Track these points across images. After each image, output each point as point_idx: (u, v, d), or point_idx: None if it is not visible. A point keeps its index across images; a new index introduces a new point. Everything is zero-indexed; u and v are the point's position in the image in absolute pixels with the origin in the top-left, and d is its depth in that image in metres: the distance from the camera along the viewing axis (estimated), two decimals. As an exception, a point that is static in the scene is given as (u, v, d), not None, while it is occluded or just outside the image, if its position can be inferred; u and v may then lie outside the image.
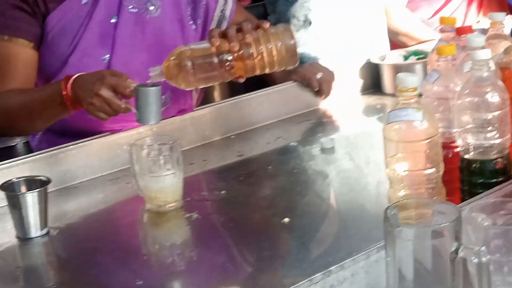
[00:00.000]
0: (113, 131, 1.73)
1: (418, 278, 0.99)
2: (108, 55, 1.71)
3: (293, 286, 1.07)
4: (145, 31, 1.73)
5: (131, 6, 1.72)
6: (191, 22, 1.81)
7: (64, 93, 1.57)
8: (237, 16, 1.89)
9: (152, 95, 1.52)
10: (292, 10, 2.24)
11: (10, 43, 1.67)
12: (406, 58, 2.13)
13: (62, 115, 1.65)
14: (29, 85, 1.71)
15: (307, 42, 2.22)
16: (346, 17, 2.24)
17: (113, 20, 1.71)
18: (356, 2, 2.24)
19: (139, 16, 1.72)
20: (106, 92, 1.51)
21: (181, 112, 1.84)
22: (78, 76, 1.58)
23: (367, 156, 1.70)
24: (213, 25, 1.84)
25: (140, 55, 1.73)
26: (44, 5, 1.69)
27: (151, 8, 1.73)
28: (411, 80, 1.21)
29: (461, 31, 1.52)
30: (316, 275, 1.09)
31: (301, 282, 1.08)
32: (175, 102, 1.81)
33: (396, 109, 1.23)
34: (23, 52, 1.68)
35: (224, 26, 1.84)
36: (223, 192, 1.58)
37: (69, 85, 1.57)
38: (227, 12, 1.87)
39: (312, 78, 1.98)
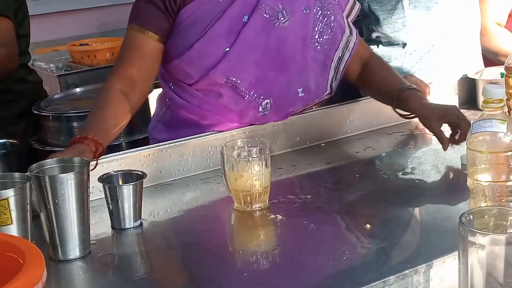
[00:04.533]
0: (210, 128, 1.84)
1: (490, 286, 1.00)
2: (229, 48, 1.79)
3: (366, 286, 1.09)
4: (270, 35, 1.81)
5: (264, 11, 1.80)
6: (316, 44, 1.87)
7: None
8: (359, 49, 1.96)
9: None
10: (384, 27, 2.25)
11: (138, 33, 1.79)
12: (503, 75, 2.10)
13: None
14: (144, 72, 1.80)
15: (401, 56, 2.23)
16: (440, 33, 2.23)
17: (244, 19, 1.79)
18: (450, 18, 2.23)
19: (269, 22, 1.80)
20: None
21: (276, 120, 1.89)
22: None
23: (455, 169, 1.70)
24: (336, 55, 1.90)
25: (256, 55, 1.80)
26: (182, 1, 1.79)
27: (281, 18, 1.80)
28: (497, 91, 1.22)
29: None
30: (390, 277, 1.11)
31: (374, 283, 1.10)
32: (274, 111, 1.87)
33: (481, 120, 1.24)
34: (147, 43, 1.79)
35: (346, 57, 1.92)
36: (308, 196, 1.62)
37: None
38: (351, 45, 1.92)
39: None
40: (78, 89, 2.85)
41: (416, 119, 2.01)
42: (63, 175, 1.36)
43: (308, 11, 1.84)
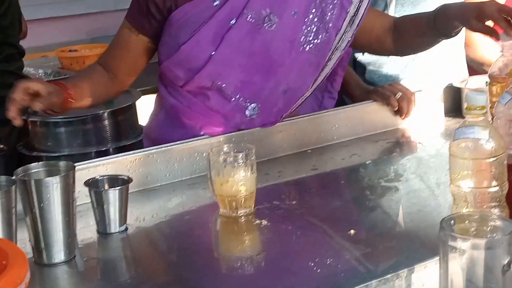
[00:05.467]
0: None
1: (470, 289, 1.01)
2: (214, 52, 1.81)
3: (348, 290, 1.10)
4: (254, 40, 1.81)
5: (250, 16, 1.81)
6: (311, 45, 1.86)
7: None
8: (378, 22, 1.97)
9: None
10: None
11: (126, 29, 1.90)
12: (487, 84, 2.12)
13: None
14: (126, 67, 1.93)
15: (386, 64, 2.25)
16: None
17: (231, 23, 1.81)
18: None
19: (254, 27, 1.81)
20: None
21: (264, 125, 1.90)
22: None
23: (439, 178, 1.70)
24: (329, 53, 1.90)
25: (240, 59, 1.82)
26: (174, 3, 1.83)
27: (268, 22, 1.81)
28: (479, 98, 1.23)
29: (538, 56, 1.52)
30: (372, 281, 1.12)
31: (356, 287, 1.11)
32: (262, 115, 1.88)
33: (463, 127, 1.25)
34: (133, 40, 1.89)
35: (336, 56, 1.92)
36: (294, 202, 1.63)
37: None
38: (343, 45, 1.92)
39: (391, 97, 2.02)
40: (66, 95, 2.84)
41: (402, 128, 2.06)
42: (49, 179, 1.36)
43: (297, 15, 1.84)
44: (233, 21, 1.80)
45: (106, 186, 1.55)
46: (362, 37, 1.94)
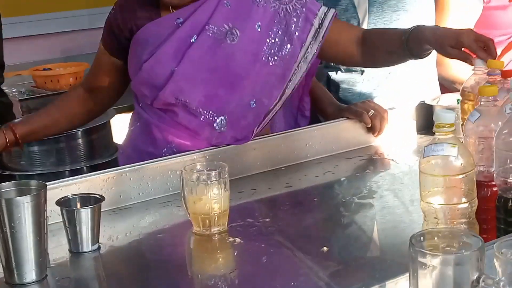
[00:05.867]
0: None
1: (440, 305, 1.02)
2: (175, 68, 1.84)
3: (320, 307, 1.10)
4: (215, 54, 1.83)
5: (212, 31, 1.83)
6: (275, 57, 1.87)
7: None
8: (346, 34, 1.95)
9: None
10: None
11: (100, 48, 2.00)
12: (459, 101, 2.14)
13: None
14: (103, 83, 2.01)
15: (360, 83, 2.27)
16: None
17: (192, 40, 1.84)
18: None
19: (215, 42, 1.83)
20: None
21: (236, 142, 1.91)
22: None
23: (412, 194, 1.71)
24: (295, 66, 1.91)
25: (202, 74, 1.84)
26: (135, 23, 1.89)
27: (230, 36, 1.83)
28: (447, 116, 1.25)
29: (506, 74, 1.55)
30: (343, 298, 1.12)
31: (328, 304, 1.12)
32: (231, 128, 1.89)
33: (433, 144, 1.27)
34: (104, 58, 1.99)
35: (303, 69, 1.93)
36: (267, 220, 1.63)
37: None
38: (309, 57, 1.92)
39: (364, 115, 2.03)
40: (39, 114, 2.82)
41: (375, 145, 2.08)
42: (20, 198, 1.36)
43: (261, 28, 1.86)
44: (194, 37, 1.84)
45: (78, 205, 1.54)
46: (329, 47, 1.94)
